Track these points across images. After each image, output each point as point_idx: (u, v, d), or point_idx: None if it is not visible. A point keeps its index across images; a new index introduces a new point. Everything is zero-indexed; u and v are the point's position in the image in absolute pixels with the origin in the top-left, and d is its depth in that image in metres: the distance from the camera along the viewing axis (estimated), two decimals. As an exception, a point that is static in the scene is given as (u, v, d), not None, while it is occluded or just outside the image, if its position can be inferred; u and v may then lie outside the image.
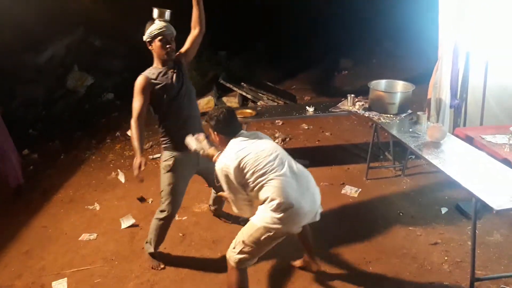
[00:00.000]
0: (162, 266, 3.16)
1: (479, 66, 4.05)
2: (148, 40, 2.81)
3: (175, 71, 2.86)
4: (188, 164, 3.00)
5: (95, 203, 4.11)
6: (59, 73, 7.26)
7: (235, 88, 6.77)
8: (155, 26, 2.76)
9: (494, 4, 3.84)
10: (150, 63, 2.90)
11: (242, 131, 2.58)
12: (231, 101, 6.58)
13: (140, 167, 2.57)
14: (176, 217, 3.77)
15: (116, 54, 8.03)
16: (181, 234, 3.55)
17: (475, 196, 2.59)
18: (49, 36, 7.17)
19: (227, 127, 2.53)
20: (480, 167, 2.93)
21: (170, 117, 2.88)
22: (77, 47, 7.64)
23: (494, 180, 2.74)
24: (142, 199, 4.12)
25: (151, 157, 5.09)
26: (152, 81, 2.79)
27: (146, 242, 3.19)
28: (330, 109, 4.36)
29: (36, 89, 6.82)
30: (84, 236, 3.60)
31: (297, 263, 3.07)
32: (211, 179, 2.95)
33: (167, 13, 2.82)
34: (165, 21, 2.79)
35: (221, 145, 2.57)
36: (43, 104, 6.78)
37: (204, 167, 3.02)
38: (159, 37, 2.77)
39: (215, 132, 2.56)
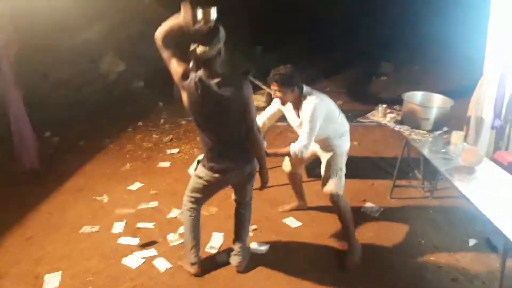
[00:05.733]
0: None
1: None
2: None
3: None
4: None
5: (104, 194, 4.01)
6: (93, 56, 7.29)
7: (263, 86, 6.47)
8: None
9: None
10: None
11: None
12: (258, 100, 6.31)
13: None
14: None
15: (151, 41, 7.95)
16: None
17: (505, 235, 2.28)
18: (86, 19, 7.19)
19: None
20: (518, 201, 2.59)
21: None
22: (113, 32, 7.63)
23: (532, 219, 2.40)
24: None
25: (168, 151, 4.98)
26: None
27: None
28: (357, 119, 4.05)
29: (69, 71, 6.87)
30: (86, 229, 3.50)
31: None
32: None
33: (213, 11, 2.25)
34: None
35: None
36: (73, 86, 6.81)
37: None
38: None
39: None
